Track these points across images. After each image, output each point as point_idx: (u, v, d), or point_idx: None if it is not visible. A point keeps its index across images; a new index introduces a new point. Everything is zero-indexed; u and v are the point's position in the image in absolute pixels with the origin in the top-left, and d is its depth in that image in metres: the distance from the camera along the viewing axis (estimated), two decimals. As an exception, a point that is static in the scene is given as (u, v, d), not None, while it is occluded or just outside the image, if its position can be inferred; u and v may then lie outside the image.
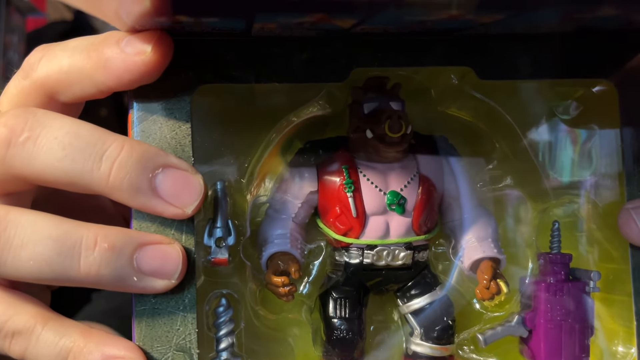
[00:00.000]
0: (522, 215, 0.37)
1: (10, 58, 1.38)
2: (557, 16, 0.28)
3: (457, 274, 0.36)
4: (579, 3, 0.25)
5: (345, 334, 0.34)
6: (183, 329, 0.30)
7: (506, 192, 0.37)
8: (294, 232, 0.35)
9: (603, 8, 0.26)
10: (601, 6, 0.26)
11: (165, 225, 0.30)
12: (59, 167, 0.28)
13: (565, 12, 0.27)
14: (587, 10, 0.27)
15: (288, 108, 0.34)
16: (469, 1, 0.24)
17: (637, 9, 0.27)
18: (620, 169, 0.35)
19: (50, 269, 0.28)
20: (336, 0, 0.23)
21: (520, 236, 0.37)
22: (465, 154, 0.36)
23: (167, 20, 0.27)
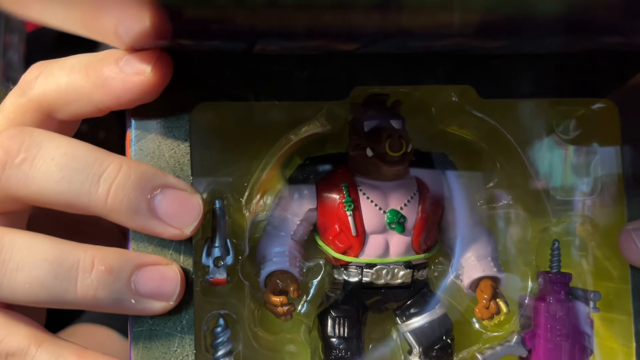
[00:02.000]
0: (522, 234, 0.37)
1: (10, 58, 1.37)
2: (560, 42, 0.28)
3: (456, 291, 0.36)
4: (580, 34, 0.25)
5: (344, 353, 0.34)
6: (180, 350, 0.30)
7: (506, 211, 0.37)
8: (292, 250, 0.35)
9: (606, 37, 0.26)
10: (604, 36, 0.26)
11: (163, 245, 0.30)
12: (56, 188, 0.28)
13: (567, 40, 0.27)
14: (589, 38, 0.26)
15: (288, 126, 0.34)
16: (471, 29, 0.24)
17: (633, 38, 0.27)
18: (620, 189, 0.35)
19: (47, 292, 0.27)
20: (340, 31, 0.23)
21: (520, 255, 0.37)
22: (465, 172, 0.36)
23: (167, 43, 0.26)
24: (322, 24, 0.22)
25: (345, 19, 0.22)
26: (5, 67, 1.31)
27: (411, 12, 0.22)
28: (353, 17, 0.22)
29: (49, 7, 0.25)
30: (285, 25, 0.23)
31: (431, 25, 0.24)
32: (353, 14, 0.22)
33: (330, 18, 0.21)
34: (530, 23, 0.23)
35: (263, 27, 0.23)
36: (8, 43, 1.33)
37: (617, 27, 0.25)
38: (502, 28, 0.25)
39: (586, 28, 0.25)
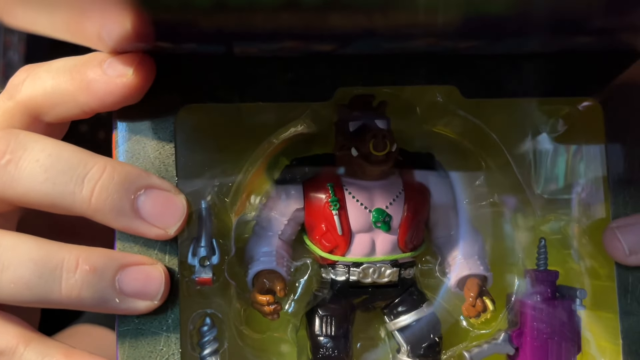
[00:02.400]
0: (508, 232, 0.37)
1: (10, 58, 1.37)
2: (536, 42, 0.28)
3: (444, 290, 0.36)
4: (553, 33, 0.25)
5: (331, 352, 0.34)
6: (166, 349, 0.30)
7: (492, 209, 0.37)
8: (280, 250, 0.35)
9: (577, 37, 0.26)
10: (575, 35, 0.26)
11: (149, 245, 0.30)
12: (40, 190, 0.28)
13: (542, 40, 0.27)
14: (564, 38, 0.27)
15: (274, 126, 0.35)
16: (436, 31, 0.24)
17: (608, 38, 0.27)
18: (605, 187, 0.35)
19: (32, 292, 0.28)
20: (307, 32, 0.23)
21: (506, 253, 0.37)
22: (452, 171, 0.36)
23: (148, 46, 0.27)
24: (290, 27, 0.23)
25: (316, 23, 0.22)
26: (6, 67, 1.32)
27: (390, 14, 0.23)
28: (324, 21, 0.22)
29: (35, 15, 0.25)
30: (250, 28, 0.23)
31: (411, 25, 0.25)
32: (331, 16, 0.23)
33: (297, 21, 0.22)
34: (497, 23, 0.23)
35: (229, 30, 0.23)
36: (8, 43, 1.34)
37: (585, 27, 0.25)
38: (477, 28, 0.26)
39: (555, 28, 0.25)
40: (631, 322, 0.34)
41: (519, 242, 0.37)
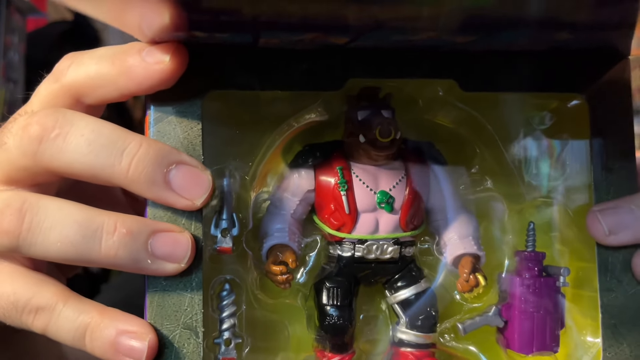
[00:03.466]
0: (500, 216, 0.40)
1: (10, 58, 1.39)
2: (528, 39, 0.32)
3: (441, 268, 0.40)
4: (537, 29, 0.29)
5: (336, 320, 0.38)
6: (190, 309, 0.34)
7: (486, 195, 0.40)
8: (292, 227, 0.39)
9: (559, 33, 0.30)
10: (557, 32, 0.29)
11: (177, 215, 0.34)
12: (84, 161, 0.32)
13: (529, 35, 0.31)
14: (546, 34, 0.30)
15: (289, 113, 0.38)
16: (437, 25, 0.27)
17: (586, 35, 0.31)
18: (589, 176, 0.38)
19: (75, 250, 0.31)
20: (328, 23, 0.27)
21: (498, 235, 0.40)
22: (450, 159, 0.39)
23: (184, 35, 0.30)
24: (316, 16, 0.26)
25: (338, 13, 0.26)
26: (6, 67, 1.34)
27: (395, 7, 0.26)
28: (345, 11, 0.26)
29: (89, 4, 0.29)
30: (283, 16, 0.27)
31: (416, 18, 0.28)
32: (345, 7, 0.26)
33: (324, 10, 0.25)
34: (493, 18, 0.27)
35: (265, 19, 0.27)
36: (8, 43, 1.36)
37: (573, 25, 0.29)
38: (475, 23, 0.29)
39: (546, 25, 0.28)
40: (610, 298, 0.37)
41: (510, 225, 0.40)
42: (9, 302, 0.33)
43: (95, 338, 0.33)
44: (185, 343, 0.33)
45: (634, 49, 0.37)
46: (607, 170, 0.38)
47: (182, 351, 0.33)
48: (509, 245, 0.40)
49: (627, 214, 0.36)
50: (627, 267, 0.37)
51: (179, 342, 0.33)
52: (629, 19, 0.32)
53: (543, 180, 0.40)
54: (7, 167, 0.33)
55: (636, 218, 0.36)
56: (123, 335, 0.32)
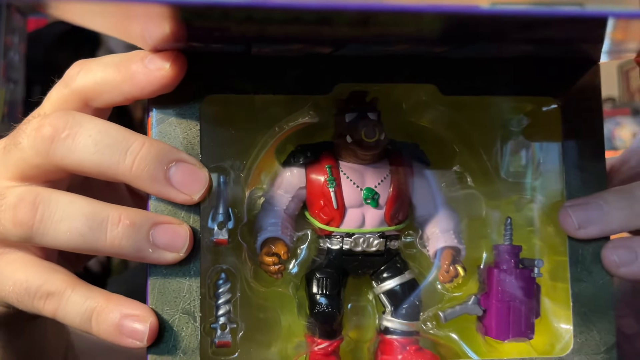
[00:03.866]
0: (479, 212, 0.43)
1: (11, 58, 1.41)
2: (496, 49, 0.35)
3: (423, 260, 0.42)
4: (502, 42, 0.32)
5: (326, 308, 0.40)
6: (189, 295, 0.37)
7: (466, 192, 0.43)
8: (284, 222, 0.41)
9: (520, 46, 0.33)
10: (517, 45, 0.32)
11: (177, 209, 0.36)
12: (92, 159, 0.35)
13: (500, 47, 0.34)
14: (508, 47, 0.33)
15: (281, 116, 0.41)
16: (410, 39, 0.30)
17: (545, 49, 0.33)
18: (562, 175, 0.41)
19: (83, 239, 0.34)
20: (309, 38, 0.30)
21: (478, 230, 0.43)
22: (432, 159, 0.42)
23: (182, 45, 0.33)
24: (296, 34, 0.29)
25: (315, 32, 0.29)
26: (6, 66, 1.37)
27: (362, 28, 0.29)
28: (320, 30, 0.29)
29: (92, 18, 0.32)
30: (268, 33, 0.30)
31: (385, 35, 0.31)
32: (324, 28, 0.29)
33: (301, 30, 0.28)
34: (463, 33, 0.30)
35: (252, 35, 0.30)
36: (9, 43, 1.38)
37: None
38: (444, 38, 0.32)
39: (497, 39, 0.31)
40: (580, 288, 0.40)
41: (489, 221, 0.43)
42: (22, 289, 0.36)
43: (101, 321, 0.35)
44: (184, 327, 0.36)
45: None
46: (578, 169, 0.40)
47: (180, 334, 0.36)
48: (488, 240, 0.43)
49: (596, 209, 0.38)
50: (597, 259, 0.40)
51: (178, 326, 0.36)
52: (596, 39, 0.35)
53: (519, 178, 0.43)
54: (21, 165, 0.36)
55: (604, 213, 0.38)
56: (127, 318, 0.35)
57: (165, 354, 0.36)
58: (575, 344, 0.39)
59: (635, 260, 0.38)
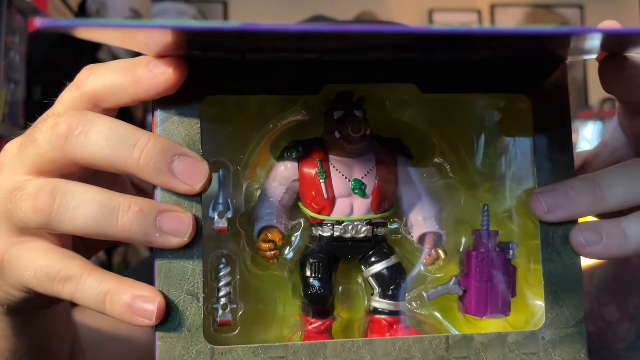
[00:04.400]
0: (458, 200, 0.46)
1: (11, 58, 1.42)
2: (462, 55, 0.38)
3: (408, 246, 0.46)
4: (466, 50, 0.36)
5: (318, 289, 0.43)
6: (192, 278, 0.40)
7: (446, 182, 0.46)
8: (279, 212, 0.45)
9: (483, 52, 0.37)
10: (481, 52, 0.36)
11: (180, 199, 0.40)
12: (102, 153, 0.38)
13: (461, 53, 0.38)
14: (473, 53, 0.37)
15: (275, 114, 0.44)
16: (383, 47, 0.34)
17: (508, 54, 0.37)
18: (533, 165, 0.44)
19: (97, 224, 0.38)
20: (295, 48, 0.34)
21: (458, 216, 0.46)
22: (415, 152, 0.45)
23: (183, 53, 0.37)
24: (283, 46, 0.33)
25: (298, 44, 0.33)
26: (7, 67, 1.39)
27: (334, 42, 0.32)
28: (302, 43, 0.32)
29: (102, 35, 0.35)
30: (260, 46, 0.33)
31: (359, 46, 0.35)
32: (300, 41, 0.33)
33: (287, 44, 0.32)
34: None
35: (246, 47, 0.34)
36: (10, 44, 1.40)
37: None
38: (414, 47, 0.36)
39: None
40: (551, 267, 0.43)
41: (467, 208, 0.46)
42: (42, 273, 0.39)
43: (114, 302, 0.39)
44: (188, 307, 0.40)
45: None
46: (548, 160, 0.44)
47: (185, 313, 0.40)
48: (467, 225, 0.46)
49: (563, 195, 0.42)
50: (566, 241, 0.43)
51: (183, 306, 0.40)
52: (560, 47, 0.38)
53: (494, 169, 0.46)
54: (37, 160, 0.40)
55: (570, 199, 0.42)
56: (137, 299, 0.38)
57: (172, 331, 0.39)
58: (547, 319, 0.43)
59: (600, 241, 0.42)
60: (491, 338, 0.42)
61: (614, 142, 0.52)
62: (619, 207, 0.42)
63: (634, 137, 0.49)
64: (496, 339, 0.42)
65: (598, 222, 0.42)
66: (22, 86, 1.48)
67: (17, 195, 0.39)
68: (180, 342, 0.39)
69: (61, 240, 0.41)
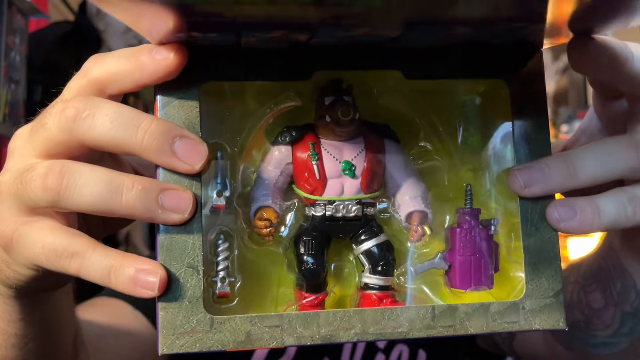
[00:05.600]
0: (442, 181, 0.49)
1: (12, 59, 1.44)
2: (439, 34, 0.41)
3: (396, 224, 0.49)
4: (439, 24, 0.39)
5: (311, 265, 0.46)
6: (192, 252, 0.42)
7: (431, 164, 0.49)
8: (274, 193, 0.47)
9: (457, 28, 0.39)
10: (455, 27, 0.39)
11: (181, 178, 0.42)
12: (108, 134, 0.41)
13: (446, 33, 0.40)
14: (447, 29, 0.40)
15: (269, 99, 0.47)
16: (365, 22, 0.37)
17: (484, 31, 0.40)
18: (512, 146, 0.47)
19: (102, 202, 0.40)
20: (287, 22, 0.37)
21: (442, 196, 0.49)
22: (401, 136, 0.48)
23: (184, 36, 0.40)
24: (276, 14, 0.35)
25: (289, 12, 0.35)
26: (8, 67, 1.40)
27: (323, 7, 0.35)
28: (298, 11, 0.35)
29: (118, 12, 0.38)
30: (253, 17, 0.36)
31: (341, 16, 0.37)
32: (299, 8, 0.35)
33: (280, 11, 0.35)
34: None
35: (241, 20, 0.36)
36: (10, 44, 1.41)
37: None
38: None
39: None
40: (530, 242, 0.46)
41: (451, 188, 0.49)
42: (50, 250, 0.42)
43: (118, 275, 0.41)
44: (189, 279, 0.42)
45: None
46: (526, 141, 0.47)
47: (186, 285, 0.42)
48: (451, 204, 0.49)
49: (538, 171, 0.45)
50: (543, 217, 0.46)
51: (184, 278, 0.42)
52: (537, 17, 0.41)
53: (476, 150, 0.49)
54: (47, 143, 0.42)
55: (544, 175, 0.44)
56: (140, 272, 0.41)
57: (174, 302, 0.42)
58: (527, 290, 0.45)
59: (574, 216, 0.44)
60: (475, 308, 0.45)
61: (591, 129, 0.55)
62: (592, 182, 0.44)
63: (608, 121, 0.52)
64: (479, 309, 0.45)
65: (572, 199, 0.45)
66: (23, 86, 1.48)
67: (28, 176, 0.41)
68: (181, 312, 0.42)
69: (69, 220, 0.44)
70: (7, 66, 1.39)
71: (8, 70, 1.40)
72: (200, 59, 0.43)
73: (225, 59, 0.44)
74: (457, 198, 0.49)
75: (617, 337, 0.70)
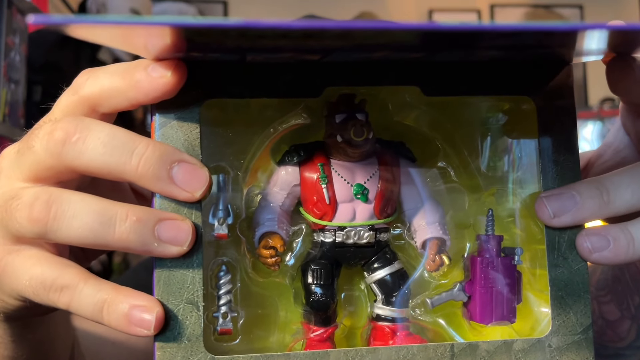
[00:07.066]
0: (463, 205, 0.46)
1: (12, 59, 1.43)
2: (468, 55, 0.38)
3: (411, 251, 0.45)
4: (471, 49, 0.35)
5: (320, 297, 0.43)
6: (192, 286, 0.39)
7: (450, 186, 0.46)
8: (281, 217, 0.44)
9: (489, 52, 0.36)
10: (487, 51, 0.35)
11: (180, 206, 0.39)
12: (100, 160, 0.37)
13: (469, 53, 0.37)
14: (478, 53, 0.36)
15: (276, 118, 0.43)
16: (387, 47, 0.33)
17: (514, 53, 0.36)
18: (538, 168, 0.44)
19: (93, 234, 0.37)
20: (298, 48, 0.33)
21: (462, 221, 0.46)
22: (418, 155, 0.45)
23: (182, 55, 0.36)
24: (286, 45, 0.32)
25: (301, 43, 0.32)
26: (7, 67, 1.38)
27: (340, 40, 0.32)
28: (305, 42, 0.32)
29: (98, 32, 0.35)
30: (263, 46, 0.33)
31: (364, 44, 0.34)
32: (309, 40, 0.32)
33: (290, 43, 0.31)
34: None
35: (248, 47, 0.33)
36: (10, 44, 1.40)
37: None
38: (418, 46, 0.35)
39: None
40: (557, 273, 0.43)
41: (472, 213, 0.46)
42: (38, 282, 0.39)
43: (111, 312, 0.38)
44: (188, 316, 0.39)
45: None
46: (553, 163, 0.43)
47: (185, 323, 0.39)
48: (471, 230, 0.45)
49: (569, 199, 0.41)
50: (572, 246, 0.42)
51: (183, 315, 0.39)
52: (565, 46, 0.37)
53: (499, 172, 0.46)
54: (34, 167, 0.39)
55: (576, 203, 0.41)
56: (135, 309, 0.38)
57: (172, 341, 0.39)
58: (554, 326, 0.42)
59: (608, 246, 0.41)
60: (497, 346, 0.42)
61: (617, 143, 0.51)
62: (626, 210, 0.41)
63: (637, 137, 0.49)
64: (502, 347, 0.42)
65: (605, 227, 0.42)
66: (23, 86, 1.48)
67: (13, 204, 0.38)
68: (180, 352, 0.39)
69: (58, 249, 0.41)
70: (7, 66, 1.37)
71: (8, 70, 1.38)
72: (201, 75, 0.40)
73: (228, 75, 0.41)
74: (477, 223, 0.45)
75: (631, 350, 0.68)
